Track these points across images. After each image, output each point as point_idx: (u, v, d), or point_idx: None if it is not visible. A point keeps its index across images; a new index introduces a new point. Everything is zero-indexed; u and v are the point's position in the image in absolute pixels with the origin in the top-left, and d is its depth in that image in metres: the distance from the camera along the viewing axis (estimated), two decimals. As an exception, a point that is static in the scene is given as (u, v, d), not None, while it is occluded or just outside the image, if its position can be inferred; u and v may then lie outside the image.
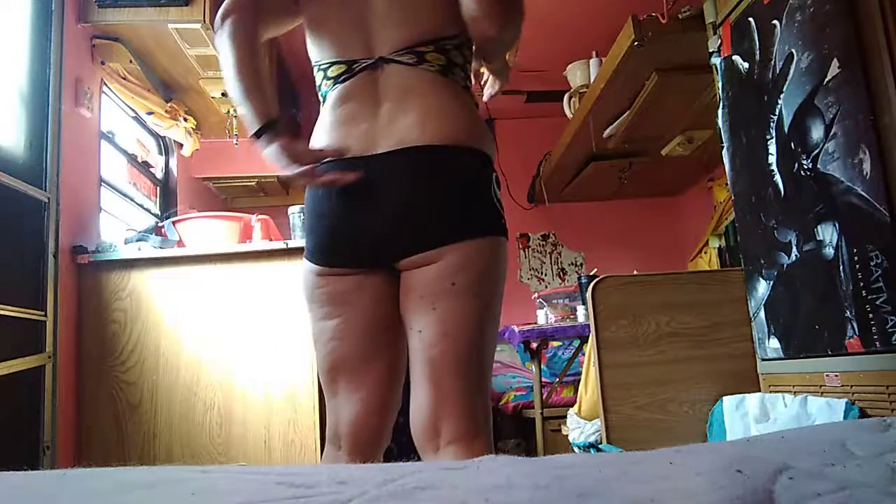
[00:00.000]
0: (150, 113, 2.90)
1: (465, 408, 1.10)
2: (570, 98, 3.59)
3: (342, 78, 1.21)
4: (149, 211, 3.19)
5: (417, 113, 1.15)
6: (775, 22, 1.85)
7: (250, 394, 2.39)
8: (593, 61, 3.32)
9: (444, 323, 1.11)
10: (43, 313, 2.13)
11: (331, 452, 1.21)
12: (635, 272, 2.45)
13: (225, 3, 1.18)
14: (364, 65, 1.19)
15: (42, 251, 2.17)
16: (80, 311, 2.40)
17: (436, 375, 1.11)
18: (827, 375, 1.74)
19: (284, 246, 2.47)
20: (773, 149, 1.89)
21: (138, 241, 2.54)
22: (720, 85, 2.16)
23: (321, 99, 1.26)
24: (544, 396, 3.24)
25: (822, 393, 1.76)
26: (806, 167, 1.75)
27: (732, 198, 2.16)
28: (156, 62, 2.83)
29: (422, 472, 0.61)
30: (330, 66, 1.22)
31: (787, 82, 1.80)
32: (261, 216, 2.82)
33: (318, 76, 1.25)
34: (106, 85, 2.71)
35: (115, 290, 2.43)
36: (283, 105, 3.68)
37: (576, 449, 2.56)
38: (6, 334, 1.97)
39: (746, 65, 2.01)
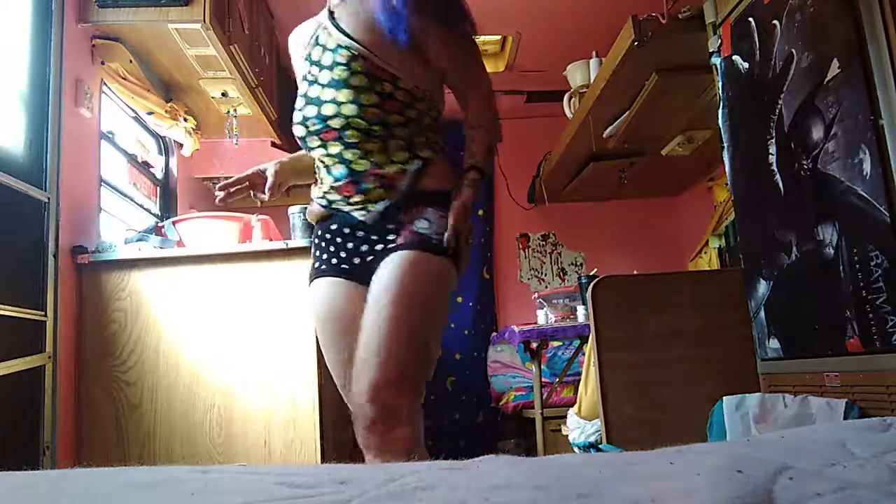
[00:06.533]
0: (150, 113, 2.89)
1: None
2: (570, 98, 3.59)
3: None
4: (149, 211, 3.19)
5: None
6: (775, 22, 1.85)
7: (250, 394, 2.38)
8: (593, 61, 3.31)
9: None
10: (43, 313, 2.13)
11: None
12: (635, 272, 2.46)
13: None
14: None
15: (42, 251, 2.17)
16: (79, 311, 2.40)
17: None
18: (827, 375, 1.74)
19: (284, 246, 2.47)
20: (773, 149, 1.89)
21: (138, 241, 2.54)
22: (720, 85, 2.16)
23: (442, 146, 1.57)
24: (544, 396, 3.24)
25: (822, 393, 1.75)
26: (806, 167, 1.75)
27: (732, 198, 2.16)
28: (156, 62, 2.83)
29: (422, 472, 0.61)
30: None
31: (787, 82, 1.80)
32: (261, 216, 2.82)
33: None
34: (106, 85, 2.71)
35: (115, 290, 2.42)
36: (285, 103, 3.67)
37: (576, 449, 2.56)
38: (6, 334, 1.97)
39: (746, 65, 2.01)
